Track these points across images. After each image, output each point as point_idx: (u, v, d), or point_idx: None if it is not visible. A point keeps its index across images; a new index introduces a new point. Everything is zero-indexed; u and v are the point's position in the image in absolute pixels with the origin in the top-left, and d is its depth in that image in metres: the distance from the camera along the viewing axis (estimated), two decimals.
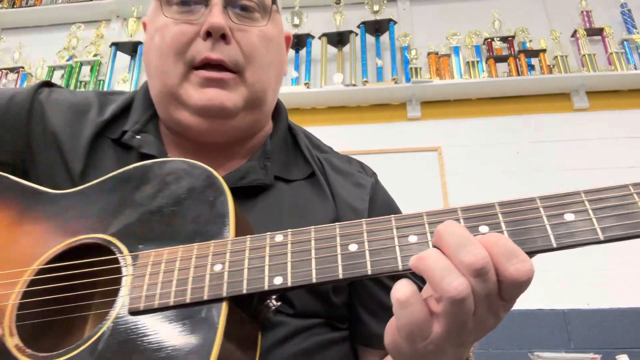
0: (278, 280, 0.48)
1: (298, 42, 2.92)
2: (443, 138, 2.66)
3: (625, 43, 2.75)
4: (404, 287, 0.44)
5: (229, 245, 0.51)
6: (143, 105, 0.75)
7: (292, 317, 0.64)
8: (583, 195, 0.45)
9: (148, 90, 0.76)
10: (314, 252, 0.49)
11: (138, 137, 0.70)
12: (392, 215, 0.49)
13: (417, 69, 2.74)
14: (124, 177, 0.61)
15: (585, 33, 2.76)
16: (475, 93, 2.74)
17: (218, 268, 0.50)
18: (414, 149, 2.65)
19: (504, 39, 2.85)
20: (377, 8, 2.95)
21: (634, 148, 2.50)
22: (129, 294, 0.51)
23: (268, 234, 0.51)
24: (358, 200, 0.74)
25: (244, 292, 0.48)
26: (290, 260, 0.49)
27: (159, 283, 0.51)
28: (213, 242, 0.52)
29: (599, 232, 0.43)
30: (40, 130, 0.71)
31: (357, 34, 2.92)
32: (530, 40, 2.82)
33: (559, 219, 0.44)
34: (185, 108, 0.68)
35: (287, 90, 2.70)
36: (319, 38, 2.94)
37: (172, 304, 0.49)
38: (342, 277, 0.47)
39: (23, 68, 3.14)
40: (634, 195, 0.44)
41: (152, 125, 0.73)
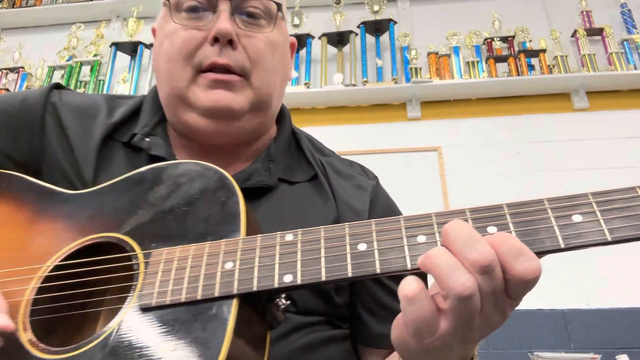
0: (288, 278, 0.49)
1: (298, 42, 2.91)
2: (443, 138, 2.67)
3: (625, 43, 2.75)
4: (412, 283, 0.44)
5: (240, 244, 0.52)
6: (152, 109, 0.77)
7: (294, 314, 0.65)
8: (591, 197, 0.45)
9: (157, 95, 0.78)
10: (324, 251, 0.49)
11: (147, 139, 0.72)
12: (401, 216, 0.50)
13: (417, 69, 2.74)
14: (138, 178, 0.63)
15: (585, 33, 2.76)
16: (475, 93, 2.74)
17: (229, 266, 0.51)
18: (414, 149, 2.65)
19: (504, 39, 2.85)
20: (377, 8, 2.95)
21: (634, 148, 2.50)
22: (141, 291, 0.52)
23: (278, 233, 0.52)
24: (359, 202, 0.75)
25: (255, 289, 0.49)
26: (300, 259, 0.49)
27: (171, 280, 0.51)
28: (224, 240, 0.53)
29: (607, 233, 0.43)
30: (55, 132, 0.73)
31: (357, 34, 2.92)
32: (530, 40, 2.82)
33: (567, 220, 0.44)
34: (193, 110, 0.70)
35: (287, 90, 2.68)
36: (319, 38, 2.94)
37: (183, 300, 0.50)
38: (351, 275, 0.47)
39: (23, 68, 3.14)
40: None
41: (160, 129, 0.76)
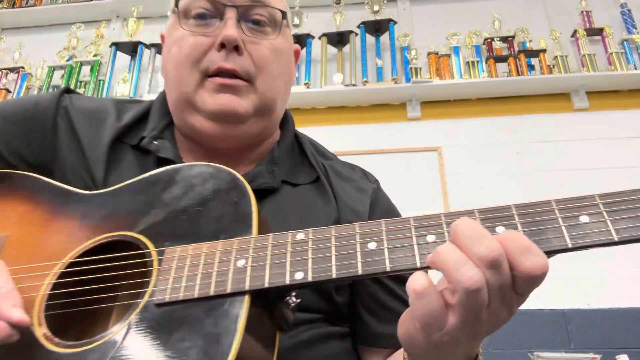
0: (299, 275, 0.50)
1: (298, 42, 2.91)
2: (443, 138, 2.66)
3: (625, 43, 2.75)
4: (421, 278, 0.45)
5: (252, 242, 0.53)
6: (160, 113, 0.80)
7: None
8: (597, 199, 0.46)
9: (165, 99, 0.80)
10: (334, 249, 0.50)
11: (155, 142, 0.75)
12: (410, 216, 0.51)
13: (417, 69, 2.74)
14: (152, 179, 0.64)
15: (585, 33, 2.76)
16: (475, 93, 2.74)
17: (241, 263, 0.52)
18: (414, 149, 2.65)
19: (504, 39, 2.85)
20: (377, 8, 2.95)
21: (634, 148, 2.50)
22: (155, 287, 0.53)
23: (290, 232, 0.53)
24: (359, 204, 0.77)
25: (266, 285, 0.50)
26: (311, 257, 0.50)
27: (184, 277, 0.52)
28: (237, 239, 0.54)
29: (614, 233, 0.44)
30: (67, 135, 0.75)
31: (357, 34, 2.92)
32: (530, 40, 2.82)
33: (574, 221, 0.45)
34: (200, 113, 0.72)
35: None
36: (319, 38, 2.94)
37: (196, 296, 0.51)
38: (361, 273, 0.48)
39: (23, 68, 3.14)
40: None
41: (168, 132, 0.78)
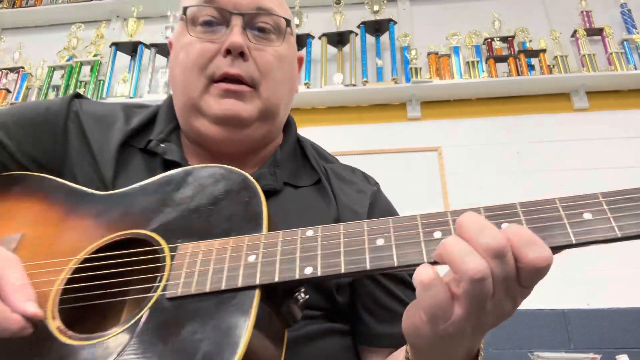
0: (308, 270, 0.51)
1: (298, 42, 2.92)
2: (443, 138, 2.66)
3: (625, 43, 2.75)
4: (427, 270, 0.46)
5: (263, 239, 0.55)
6: (167, 117, 0.83)
7: None
8: (600, 197, 0.47)
9: (171, 104, 0.83)
10: (343, 245, 0.51)
11: (162, 145, 0.77)
12: (417, 214, 0.52)
13: (417, 69, 2.74)
14: (165, 180, 0.66)
15: (585, 33, 2.76)
16: (475, 93, 2.74)
17: (252, 259, 0.53)
18: (414, 149, 2.65)
19: (504, 39, 2.84)
20: (377, 8, 2.95)
21: (634, 148, 2.50)
22: (168, 282, 0.54)
23: (299, 229, 0.55)
24: (358, 205, 0.78)
25: (276, 280, 0.51)
26: (320, 252, 0.52)
27: (196, 272, 0.54)
28: (247, 236, 0.55)
29: (617, 229, 0.45)
30: (77, 139, 0.77)
31: (357, 34, 2.92)
32: (530, 40, 2.82)
33: (578, 218, 0.47)
34: (205, 117, 0.74)
35: None
36: (319, 38, 2.94)
37: (208, 290, 0.52)
38: (369, 268, 0.49)
39: (23, 68, 3.14)
40: None
41: (174, 136, 0.80)
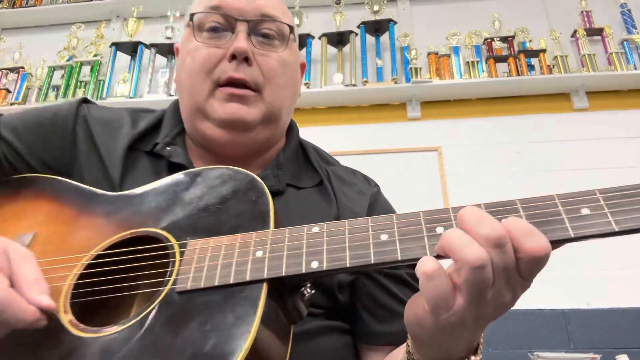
0: (314, 265, 0.52)
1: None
2: (443, 138, 2.67)
3: (625, 43, 2.75)
4: (430, 261, 0.47)
5: (270, 235, 0.56)
6: (173, 121, 0.85)
7: None
8: (598, 193, 0.49)
9: (177, 108, 0.86)
10: (348, 240, 0.53)
11: (168, 148, 0.79)
12: (420, 211, 0.53)
13: (417, 69, 2.74)
14: (175, 181, 0.68)
15: (585, 33, 2.76)
16: (475, 93, 2.74)
17: (259, 254, 0.55)
18: (414, 149, 2.65)
19: (504, 39, 2.85)
20: (377, 8, 2.95)
21: (634, 148, 2.50)
22: (177, 276, 0.56)
23: (305, 226, 0.56)
24: (358, 205, 0.80)
25: (283, 274, 0.52)
26: (326, 247, 0.53)
27: (205, 266, 0.55)
28: (255, 232, 0.57)
29: (613, 223, 0.46)
30: (86, 143, 0.79)
31: (357, 34, 2.92)
32: (530, 40, 2.82)
33: (576, 213, 0.48)
34: (210, 121, 0.77)
35: None
36: (319, 38, 2.94)
37: (216, 284, 0.53)
38: (373, 262, 0.51)
39: (23, 68, 3.14)
40: None
41: (180, 139, 0.83)
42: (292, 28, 0.82)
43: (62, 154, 0.79)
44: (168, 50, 3.02)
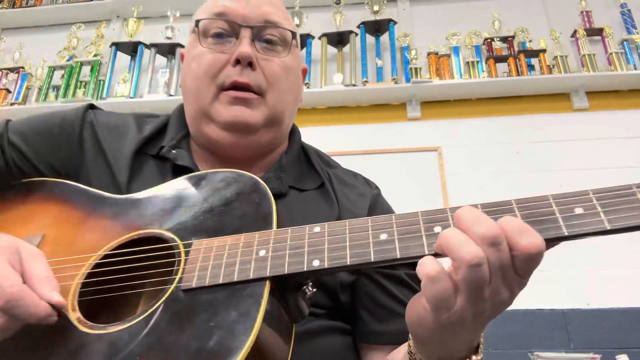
0: (316, 263, 0.54)
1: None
2: (443, 138, 2.67)
3: (625, 43, 2.75)
4: (432, 263, 0.48)
5: (273, 235, 0.58)
6: (178, 125, 0.87)
7: None
8: (591, 193, 0.50)
9: (182, 112, 0.88)
10: (349, 239, 0.55)
11: (174, 151, 0.81)
12: (418, 211, 0.54)
13: (417, 69, 2.75)
14: (180, 184, 0.70)
15: (585, 33, 2.76)
16: (475, 93, 2.74)
17: (262, 253, 0.56)
18: (414, 149, 2.65)
19: (504, 39, 2.85)
20: (377, 8, 2.95)
21: (634, 148, 2.51)
22: (182, 275, 0.57)
23: (307, 226, 0.58)
24: (359, 207, 0.82)
25: (286, 272, 0.54)
26: (327, 246, 0.55)
27: (210, 265, 0.57)
28: (258, 232, 0.59)
29: (606, 222, 0.48)
30: (93, 148, 0.81)
31: (357, 34, 2.92)
32: (530, 41, 2.82)
33: (570, 212, 0.49)
34: (215, 124, 0.79)
35: None
36: (319, 38, 2.94)
37: (221, 282, 0.55)
38: (373, 260, 0.52)
39: (23, 68, 3.14)
40: (637, 193, 0.49)
41: (185, 143, 0.85)
42: (294, 34, 0.85)
43: (69, 159, 0.80)
44: (168, 50, 3.02)
